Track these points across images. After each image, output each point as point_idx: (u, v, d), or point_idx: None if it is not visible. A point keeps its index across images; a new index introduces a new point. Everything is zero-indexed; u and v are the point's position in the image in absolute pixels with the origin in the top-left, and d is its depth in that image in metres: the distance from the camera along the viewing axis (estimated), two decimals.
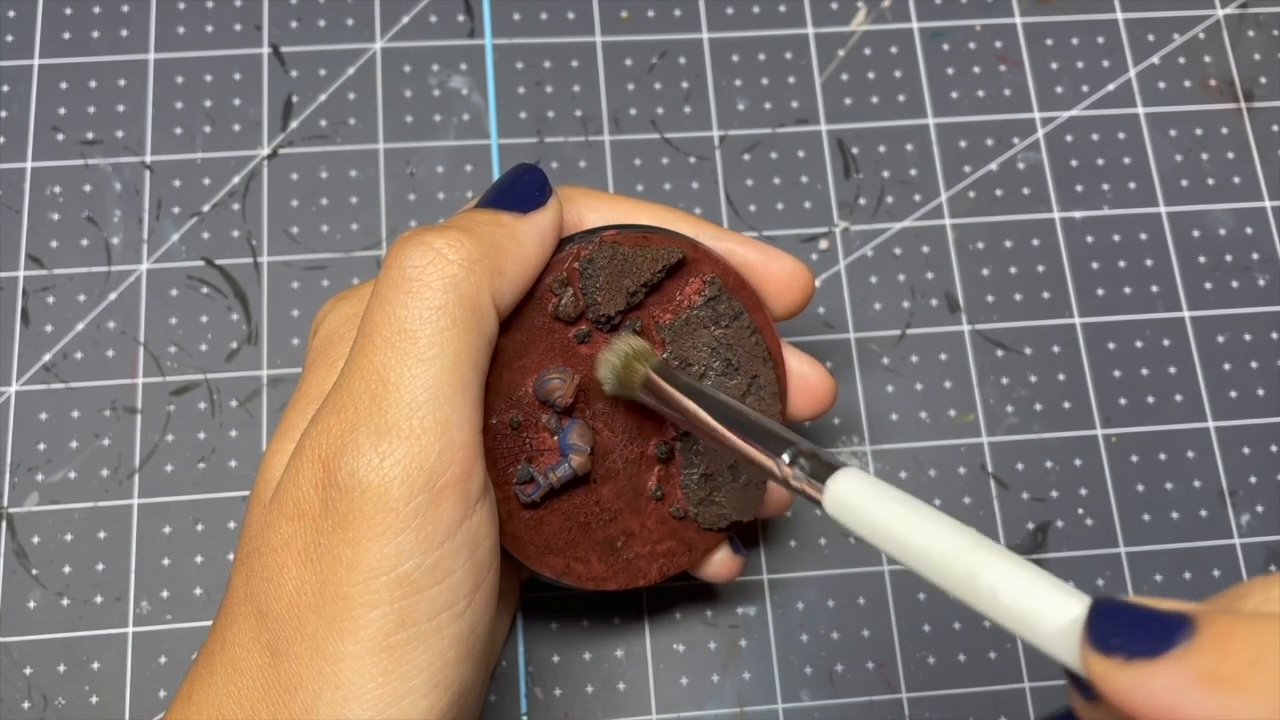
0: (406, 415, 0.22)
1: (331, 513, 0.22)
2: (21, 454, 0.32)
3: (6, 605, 0.31)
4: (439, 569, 0.22)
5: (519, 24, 0.37)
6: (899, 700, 0.31)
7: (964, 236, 0.36)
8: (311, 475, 0.22)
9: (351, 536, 0.22)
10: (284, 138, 0.35)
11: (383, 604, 0.21)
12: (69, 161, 0.35)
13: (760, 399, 0.28)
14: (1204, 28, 0.38)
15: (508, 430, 0.26)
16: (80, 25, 0.36)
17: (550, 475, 0.26)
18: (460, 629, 0.22)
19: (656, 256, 0.26)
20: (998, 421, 0.34)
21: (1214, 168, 0.37)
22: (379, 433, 0.22)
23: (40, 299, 0.33)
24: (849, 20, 0.38)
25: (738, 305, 0.27)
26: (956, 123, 0.37)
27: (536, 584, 0.32)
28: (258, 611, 0.22)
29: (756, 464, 0.23)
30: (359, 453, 0.22)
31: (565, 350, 0.26)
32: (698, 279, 0.27)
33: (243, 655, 0.22)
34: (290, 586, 0.22)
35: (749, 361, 0.27)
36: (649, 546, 0.28)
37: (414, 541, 0.22)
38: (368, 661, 0.21)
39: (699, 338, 0.27)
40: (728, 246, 0.28)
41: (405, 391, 0.22)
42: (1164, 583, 0.33)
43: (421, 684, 0.22)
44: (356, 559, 0.21)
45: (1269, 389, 0.35)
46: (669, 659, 0.32)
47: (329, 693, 0.21)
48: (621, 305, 0.26)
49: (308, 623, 0.22)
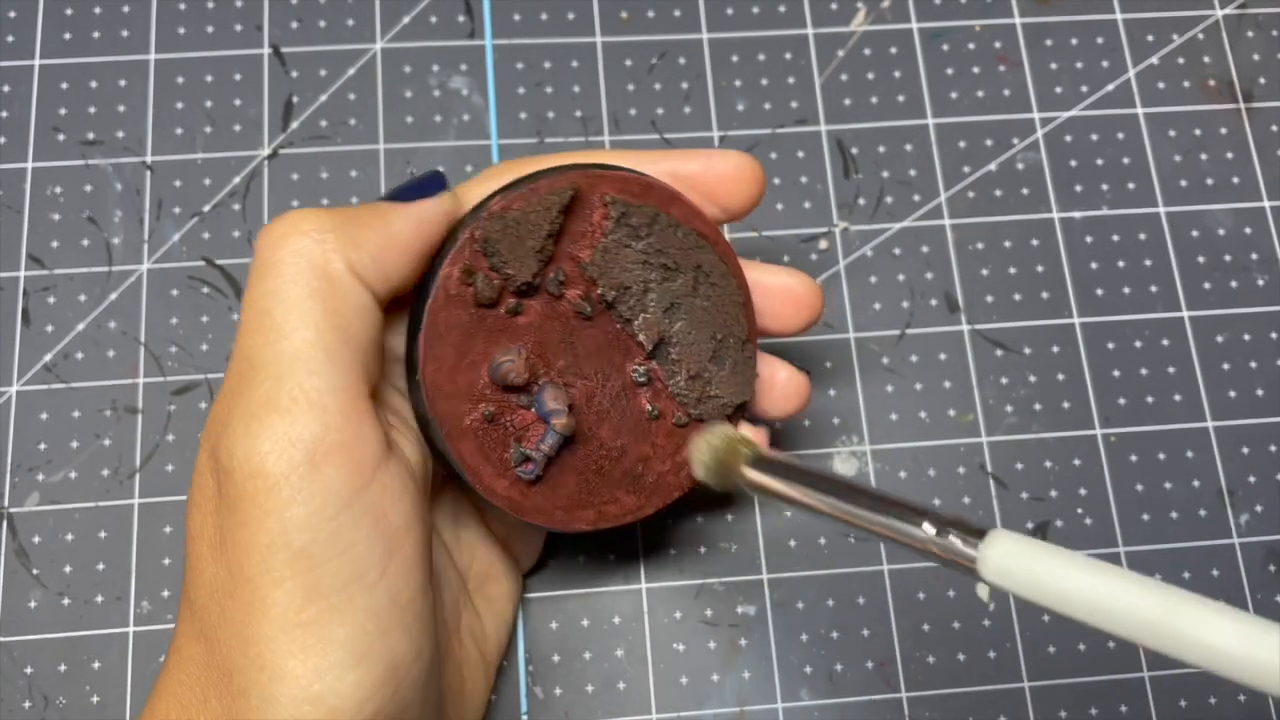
0: (274, 390, 0.22)
1: (225, 498, 0.22)
2: (22, 454, 0.32)
3: (7, 605, 0.31)
4: (338, 540, 0.22)
5: (519, 24, 0.37)
6: (899, 700, 0.32)
7: (963, 236, 0.36)
8: (206, 463, 0.23)
9: (243, 518, 0.22)
10: (284, 138, 0.35)
11: (284, 581, 0.21)
12: (69, 161, 0.35)
13: (713, 284, 0.27)
14: (1203, 28, 0.38)
15: (485, 425, 0.26)
16: (81, 25, 0.36)
17: (541, 447, 0.26)
18: (377, 599, 0.22)
19: (547, 204, 0.26)
20: (997, 421, 0.34)
21: (1213, 168, 0.37)
22: (250, 412, 0.22)
23: (41, 299, 0.34)
24: (849, 20, 0.38)
25: (649, 210, 0.27)
26: (956, 123, 0.37)
27: (535, 583, 0.32)
28: (189, 601, 0.23)
29: (900, 539, 0.22)
30: (234, 435, 0.22)
31: (504, 331, 0.26)
32: (600, 205, 0.27)
33: (186, 644, 0.23)
34: (208, 574, 0.22)
35: (684, 255, 0.27)
36: (668, 462, 0.28)
37: (304, 515, 0.21)
38: (283, 640, 0.21)
39: (625, 258, 0.27)
40: (668, 167, 0.27)
41: (270, 368, 0.22)
42: (1163, 583, 0.33)
43: (344, 657, 0.21)
44: (252, 540, 0.22)
45: (1268, 389, 0.35)
46: (669, 659, 0.32)
47: (255, 673, 0.21)
48: (535, 266, 0.26)
49: (226, 608, 0.22)
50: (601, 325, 0.27)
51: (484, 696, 0.29)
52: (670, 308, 0.27)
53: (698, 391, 0.28)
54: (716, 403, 0.28)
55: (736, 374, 0.28)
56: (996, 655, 0.32)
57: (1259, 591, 0.33)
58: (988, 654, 0.32)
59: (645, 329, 0.27)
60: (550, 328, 0.27)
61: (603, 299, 0.27)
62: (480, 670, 0.29)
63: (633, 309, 0.27)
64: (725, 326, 0.28)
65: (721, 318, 0.28)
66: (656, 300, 0.27)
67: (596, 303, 0.27)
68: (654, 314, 0.27)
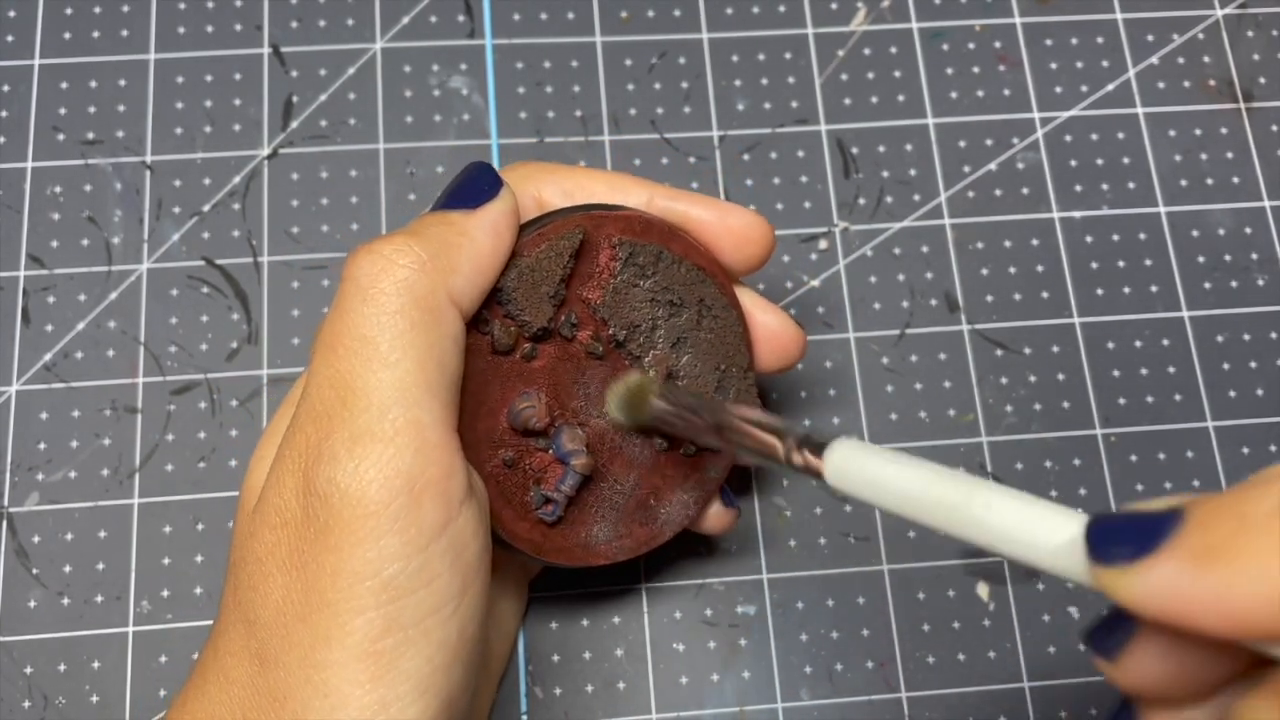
0: (378, 419, 0.22)
1: (313, 520, 0.22)
2: (22, 453, 0.32)
3: (7, 605, 0.31)
4: (424, 572, 0.22)
5: (519, 24, 0.37)
6: (898, 700, 0.32)
7: (963, 236, 0.36)
8: (292, 484, 0.22)
9: (334, 543, 0.21)
10: (284, 138, 0.35)
11: (368, 609, 0.21)
12: (69, 161, 0.35)
13: (715, 317, 0.28)
14: (1203, 28, 0.38)
15: (506, 471, 0.26)
16: (81, 25, 0.36)
17: (561, 488, 0.26)
18: (448, 633, 0.22)
19: (557, 250, 0.26)
20: (997, 421, 0.34)
21: (1213, 168, 0.37)
22: (353, 438, 0.22)
23: (41, 299, 0.34)
24: (848, 20, 0.38)
25: (654, 248, 0.27)
26: (956, 123, 0.37)
27: (537, 584, 0.32)
28: (245, 620, 0.23)
29: (763, 451, 0.23)
30: (335, 460, 0.22)
31: (520, 376, 0.26)
32: (607, 246, 0.27)
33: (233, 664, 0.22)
34: (276, 595, 0.22)
35: (688, 290, 0.27)
36: (677, 492, 0.28)
37: (397, 545, 0.21)
38: (354, 668, 0.21)
39: (634, 297, 0.27)
40: (681, 208, 0.28)
41: (374, 396, 0.22)
42: None
43: (410, 689, 0.21)
44: (340, 565, 0.21)
45: (1268, 389, 0.35)
46: (669, 659, 0.32)
47: (317, 700, 0.21)
48: (549, 311, 0.26)
49: (294, 630, 0.22)
50: (611, 363, 0.27)
51: (488, 709, 0.30)
52: (677, 343, 0.28)
53: None
54: None
55: (740, 402, 0.28)
56: (996, 655, 0.32)
57: None
58: (988, 654, 0.32)
59: (655, 365, 0.27)
60: (563, 369, 0.27)
61: (614, 339, 0.27)
62: (486, 686, 0.29)
63: (642, 346, 0.27)
64: (728, 357, 0.28)
65: (724, 349, 0.28)
66: (664, 337, 0.27)
67: (607, 342, 0.27)
68: (662, 350, 0.27)
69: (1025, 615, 0.32)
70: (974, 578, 0.33)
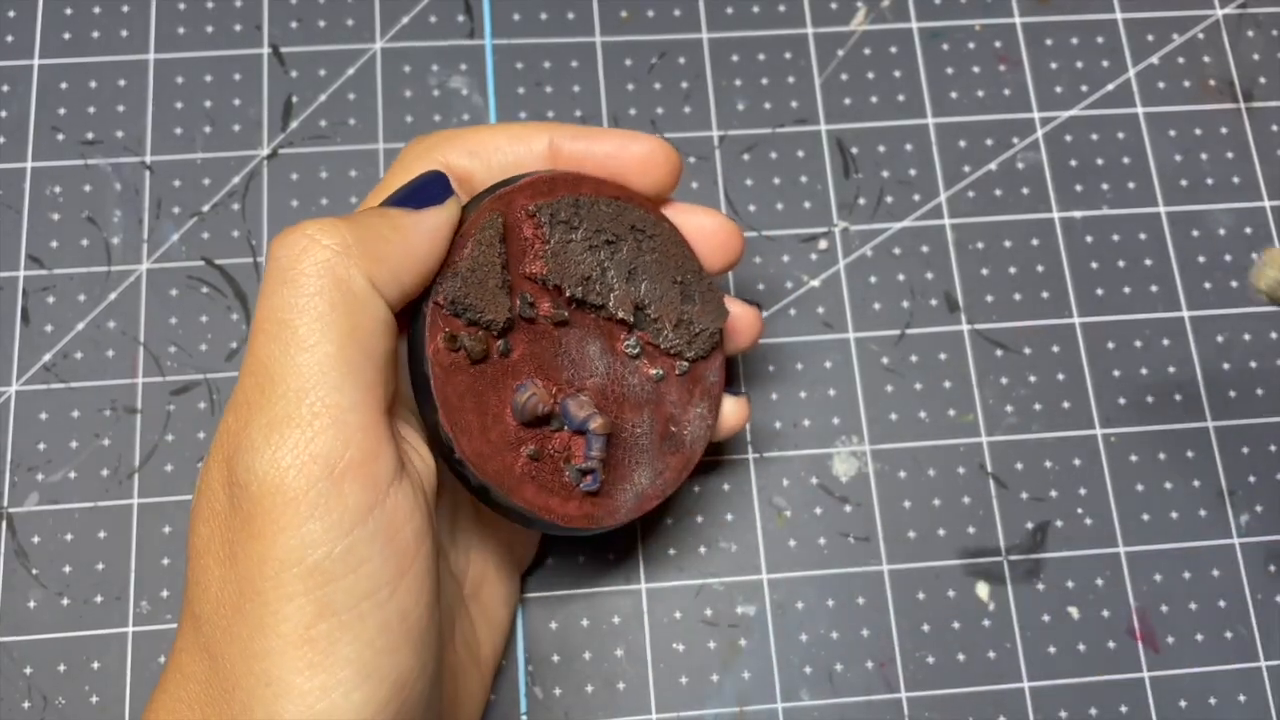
0: (295, 404, 0.22)
1: (238, 510, 0.22)
2: (21, 454, 0.32)
3: (6, 605, 0.31)
4: (352, 556, 0.22)
5: (519, 24, 0.37)
6: (898, 700, 0.32)
7: (963, 236, 0.36)
8: (218, 476, 0.22)
9: (257, 531, 0.21)
10: (284, 138, 0.35)
11: (297, 596, 0.21)
12: (69, 161, 0.35)
13: (651, 236, 0.28)
14: (1203, 28, 0.38)
15: (535, 465, 0.26)
16: (80, 25, 0.36)
17: (592, 455, 0.27)
18: (387, 617, 0.22)
19: (486, 241, 0.26)
20: (997, 421, 0.34)
21: (1213, 167, 0.37)
22: (270, 425, 0.22)
23: (40, 299, 0.34)
24: (848, 20, 0.38)
25: (568, 200, 0.27)
26: (956, 123, 0.37)
27: (535, 584, 0.32)
28: (193, 615, 0.23)
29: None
30: (253, 448, 0.22)
31: (506, 374, 0.26)
32: (526, 218, 0.27)
33: (187, 660, 0.23)
34: (214, 587, 0.22)
35: (616, 223, 0.28)
36: (689, 410, 0.29)
37: (320, 530, 0.21)
38: (292, 655, 0.21)
39: (573, 251, 0.27)
40: (583, 146, 0.28)
41: (291, 381, 0.22)
42: (1163, 582, 0.33)
43: (351, 675, 0.21)
44: (266, 554, 0.21)
45: (1268, 389, 0.35)
46: (669, 659, 0.32)
47: (260, 690, 0.21)
48: (507, 301, 0.26)
49: (233, 623, 0.22)
50: (580, 323, 0.27)
51: (479, 701, 0.29)
52: (630, 275, 0.28)
53: (685, 335, 0.29)
54: (704, 335, 0.29)
55: (708, 302, 0.29)
56: (996, 655, 0.32)
57: (1259, 592, 0.33)
58: (988, 654, 0.32)
59: (620, 305, 0.28)
60: (541, 349, 0.27)
61: (572, 299, 0.27)
62: (475, 676, 0.29)
63: (601, 293, 0.27)
64: (679, 267, 0.29)
65: (672, 261, 0.29)
66: (616, 275, 0.28)
67: (568, 305, 0.27)
68: (620, 288, 0.28)
69: (1025, 615, 0.32)
70: (974, 578, 0.33)
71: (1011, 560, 0.33)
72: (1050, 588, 0.33)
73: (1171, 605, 0.33)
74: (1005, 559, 0.33)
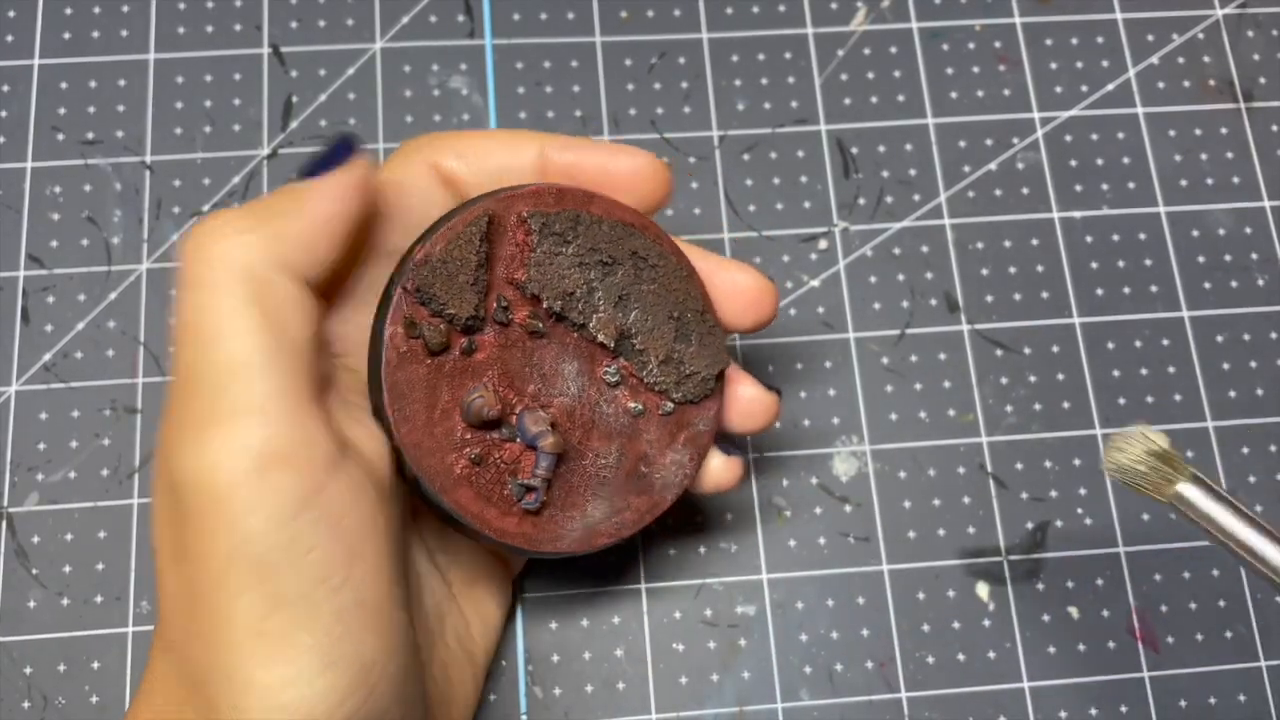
0: (213, 401, 0.22)
1: (179, 512, 0.22)
2: (21, 454, 0.32)
3: (6, 605, 0.31)
4: (296, 545, 0.21)
5: (519, 24, 0.37)
6: (898, 700, 0.32)
7: (963, 236, 0.36)
8: (160, 480, 0.23)
9: (196, 531, 0.21)
10: (284, 138, 0.35)
11: (245, 591, 0.21)
12: (69, 161, 0.35)
13: (654, 266, 0.27)
14: (1203, 28, 0.38)
15: (476, 469, 0.26)
16: (80, 25, 0.36)
17: (537, 473, 0.26)
18: (343, 603, 0.22)
19: (465, 237, 0.25)
20: (997, 421, 0.34)
21: (1213, 168, 0.37)
22: (195, 425, 0.22)
23: (40, 299, 0.34)
24: (848, 20, 0.38)
25: (569, 213, 0.27)
26: (956, 123, 0.37)
27: (535, 583, 0.32)
28: (160, 617, 0.23)
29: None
30: (182, 450, 0.22)
31: (465, 372, 0.26)
32: (519, 223, 0.26)
33: (159, 659, 0.23)
34: (171, 588, 0.22)
35: (616, 246, 0.27)
36: (668, 454, 0.28)
37: (258, 523, 0.21)
38: (249, 649, 0.21)
39: (560, 265, 0.26)
40: (572, 158, 0.27)
41: (208, 380, 0.22)
42: (1163, 583, 0.33)
43: (311, 663, 0.21)
44: (209, 552, 0.21)
45: (1268, 389, 0.35)
46: (669, 659, 0.32)
47: (225, 684, 0.21)
48: (474, 299, 0.26)
49: (191, 622, 0.22)
50: (558, 339, 0.27)
51: (473, 698, 0.29)
52: (620, 300, 0.27)
53: (674, 374, 0.27)
54: (695, 379, 0.28)
55: (705, 345, 0.28)
56: (996, 655, 0.32)
57: (1259, 591, 0.33)
58: (988, 654, 0.32)
59: (602, 328, 0.27)
60: (510, 356, 0.26)
61: (550, 311, 0.26)
62: (468, 672, 0.29)
63: (583, 313, 0.27)
64: (680, 303, 0.27)
65: (673, 296, 0.27)
66: (604, 297, 0.27)
67: (546, 318, 0.27)
68: (606, 311, 0.27)
69: (1025, 615, 0.32)
70: (974, 578, 0.33)
71: (1011, 560, 0.33)
72: (1050, 588, 0.33)
73: (1171, 605, 0.33)
74: (1005, 559, 0.33)
